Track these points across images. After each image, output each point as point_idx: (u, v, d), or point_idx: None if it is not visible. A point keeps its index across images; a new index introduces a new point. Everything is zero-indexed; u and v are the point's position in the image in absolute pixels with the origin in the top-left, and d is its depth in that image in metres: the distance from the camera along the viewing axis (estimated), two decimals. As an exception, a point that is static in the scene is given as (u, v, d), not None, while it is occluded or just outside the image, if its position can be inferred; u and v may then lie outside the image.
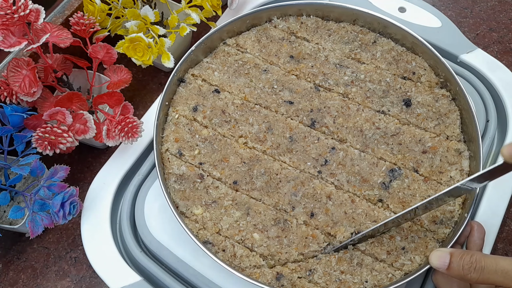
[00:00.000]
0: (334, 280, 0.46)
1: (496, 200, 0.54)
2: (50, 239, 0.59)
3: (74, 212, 0.50)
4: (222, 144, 0.53)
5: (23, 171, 0.50)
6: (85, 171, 0.63)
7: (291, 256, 0.47)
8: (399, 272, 0.47)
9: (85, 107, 0.55)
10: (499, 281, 0.39)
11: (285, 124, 0.54)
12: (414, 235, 0.48)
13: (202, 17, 0.61)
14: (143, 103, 0.68)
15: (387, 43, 0.59)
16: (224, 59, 0.58)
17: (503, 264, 0.39)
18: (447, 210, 0.49)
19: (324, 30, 0.60)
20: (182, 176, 0.51)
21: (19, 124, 0.53)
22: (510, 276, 0.39)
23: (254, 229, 0.49)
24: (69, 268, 0.57)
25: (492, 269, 0.39)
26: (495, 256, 0.40)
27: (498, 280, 0.39)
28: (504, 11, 0.77)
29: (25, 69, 0.51)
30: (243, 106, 0.55)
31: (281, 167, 0.52)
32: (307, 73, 0.57)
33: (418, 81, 0.56)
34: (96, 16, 0.59)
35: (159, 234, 0.51)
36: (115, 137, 0.52)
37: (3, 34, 0.49)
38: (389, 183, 0.51)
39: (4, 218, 0.54)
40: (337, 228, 0.48)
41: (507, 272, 0.39)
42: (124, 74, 0.58)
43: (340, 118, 0.54)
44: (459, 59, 0.63)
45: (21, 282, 0.57)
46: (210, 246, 0.48)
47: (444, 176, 0.51)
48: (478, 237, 0.48)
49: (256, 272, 0.47)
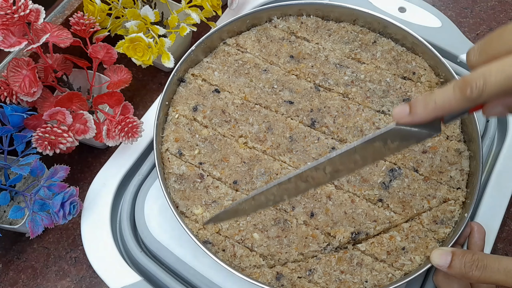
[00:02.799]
0: (334, 280, 0.46)
1: (496, 200, 0.54)
2: (50, 239, 0.59)
3: (74, 212, 0.50)
4: (222, 144, 0.53)
5: (23, 171, 0.50)
6: (85, 171, 0.63)
7: (291, 256, 0.47)
8: (399, 272, 0.47)
9: (85, 107, 0.55)
10: (502, 279, 0.39)
11: (285, 124, 0.54)
12: (414, 235, 0.48)
13: (202, 17, 0.61)
14: (143, 103, 0.68)
15: (387, 43, 0.59)
16: (224, 59, 0.58)
17: (506, 263, 0.39)
18: (448, 210, 0.49)
19: (324, 30, 0.60)
20: (182, 176, 0.51)
21: (19, 124, 0.53)
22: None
23: (254, 229, 0.49)
24: (69, 268, 0.57)
25: (494, 267, 0.39)
26: (497, 255, 0.40)
27: (501, 279, 0.39)
28: (504, 11, 0.77)
29: (25, 69, 0.51)
30: (243, 106, 0.55)
31: (281, 167, 0.52)
32: (307, 73, 0.57)
33: (418, 81, 0.56)
34: (96, 16, 0.59)
35: (159, 234, 0.51)
36: (115, 137, 0.52)
37: (3, 34, 0.49)
38: (389, 183, 0.51)
39: (4, 218, 0.54)
40: (337, 228, 0.48)
41: (510, 271, 0.38)
42: (124, 74, 0.58)
43: (340, 118, 0.54)
44: (459, 59, 0.63)
45: (21, 282, 0.57)
46: (210, 246, 0.48)
47: (444, 176, 0.51)
48: (479, 237, 0.48)
49: (256, 272, 0.47)
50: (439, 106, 0.35)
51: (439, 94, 0.35)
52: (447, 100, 0.35)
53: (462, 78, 0.33)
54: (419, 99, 0.36)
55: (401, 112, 0.37)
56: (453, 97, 0.34)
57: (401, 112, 0.37)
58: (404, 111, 0.37)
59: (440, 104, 0.35)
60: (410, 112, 0.37)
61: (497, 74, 0.32)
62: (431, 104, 0.36)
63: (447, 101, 0.35)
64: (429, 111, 0.36)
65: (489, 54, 0.34)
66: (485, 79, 0.32)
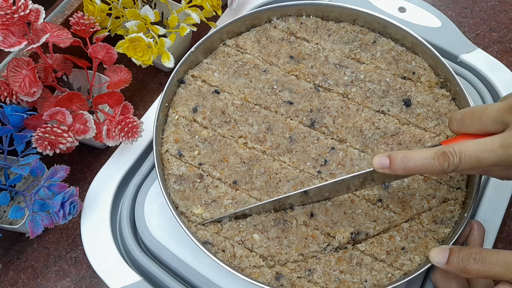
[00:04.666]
0: (333, 280, 0.46)
1: (496, 200, 0.54)
2: (50, 239, 0.59)
3: (74, 212, 0.50)
4: (222, 144, 0.53)
5: (23, 171, 0.50)
6: (85, 171, 0.63)
7: (291, 256, 0.47)
8: (398, 272, 0.47)
9: (85, 107, 0.55)
10: (501, 272, 0.38)
11: (285, 124, 0.54)
12: (414, 235, 0.48)
13: (202, 17, 0.62)
14: (143, 103, 0.68)
15: (387, 43, 0.59)
16: (223, 60, 0.58)
17: (505, 254, 0.38)
18: (447, 209, 0.49)
19: (324, 30, 0.60)
20: (182, 177, 0.51)
21: (19, 124, 0.53)
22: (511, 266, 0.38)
23: (254, 229, 0.49)
24: (69, 268, 0.57)
25: (493, 260, 0.38)
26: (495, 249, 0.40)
27: (500, 271, 0.38)
28: (504, 11, 0.77)
29: (25, 69, 0.51)
30: (243, 107, 0.55)
31: (280, 167, 0.52)
32: (307, 73, 0.57)
33: (418, 81, 0.56)
34: (96, 16, 0.59)
35: (159, 234, 0.51)
36: (115, 137, 0.52)
37: (3, 34, 0.49)
38: (389, 183, 0.51)
39: (4, 218, 0.54)
40: (336, 228, 0.48)
41: (509, 262, 0.38)
42: (124, 74, 0.58)
43: (340, 118, 0.54)
44: (459, 59, 0.63)
45: (21, 282, 0.57)
46: (209, 247, 0.48)
47: (444, 175, 0.51)
48: (478, 235, 0.47)
49: (256, 272, 0.47)
50: (417, 168, 0.40)
51: (419, 159, 0.40)
52: (426, 166, 0.40)
53: (442, 151, 0.39)
54: (400, 154, 0.41)
55: (380, 163, 0.42)
56: (431, 166, 0.40)
57: (380, 163, 0.42)
58: (384, 163, 0.41)
59: (419, 168, 0.40)
60: (390, 166, 0.41)
61: (471, 155, 0.38)
62: (410, 164, 0.40)
63: (425, 167, 0.40)
64: (407, 170, 0.41)
65: (468, 129, 0.42)
66: (460, 158, 0.39)
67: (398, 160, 0.41)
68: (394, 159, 0.41)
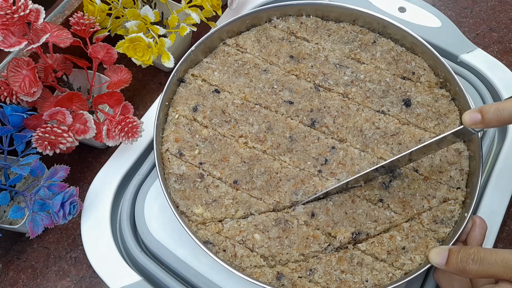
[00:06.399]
0: (334, 280, 0.46)
1: (496, 200, 0.54)
2: (50, 239, 0.59)
3: (74, 212, 0.50)
4: (222, 144, 0.53)
5: (23, 171, 0.50)
6: (85, 171, 0.63)
7: (292, 256, 0.47)
8: (399, 272, 0.47)
9: (85, 107, 0.55)
10: (499, 271, 0.38)
11: (285, 124, 0.54)
12: (414, 235, 0.48)
13: (202, 17, 0.62)
14: (143, 103, 0.68)
15: (387, 43, 0.59)
16: (224, 59, 0.58)
17: (503, 254, 0.38)
18: (448, 209, 0.49)
19: (324, 30, 0.60)
20: (182, 176, 0.51)
21: (19, 124, 0.53)
22: (510, 265, 0.38)
23: (255, 229, 0.49)
24: (69, 268, 0.57)
25: (491, 260, 0.38)
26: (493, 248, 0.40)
27: (499, 271, 0.38)
28: (504, 11, 0.77)
29: (25, 69, 0.51)
30: (243, 106, 0.55)
31: (281, 166, 0.52)
32: (307, 73, 0.57)
33: (418, 81, 0.56)
34: (96, 16, 0.59)
35: (159, 234, 0.51)
36: (115, 137, 0.52)
37: (3, 34, 0.49)
38: (389, 183, 0.51)
39: (4, 218, 0.54)
40: (337, 228, 0.48)
41: (507, 262, 0.38)
42: (124, 74, 0.58)
43: (340, 118, 0.54)
44: (459, 59, 0.63)
45: (21, 282, 0.57)
46: (210, 246, 0.48)
47: (444, 175, 0.51)
48: (479, 232, 0.47)
49: (257, 272, 0.47)
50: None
51: None
52: None
53: None
54: (492, 107, 0.41)
55: (472, 118, 0.42)
56: None
57: (472, 119, 0.42)
58: (476, 118, 0.41)
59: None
60: (482, 120, 0.41)
61: None
62: (505, 114, 0.40)
63: None
64: (501, 121, 0.40)
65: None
66: None
67: (491, 113, 0.40)
68: (487, 112, 0.41)
